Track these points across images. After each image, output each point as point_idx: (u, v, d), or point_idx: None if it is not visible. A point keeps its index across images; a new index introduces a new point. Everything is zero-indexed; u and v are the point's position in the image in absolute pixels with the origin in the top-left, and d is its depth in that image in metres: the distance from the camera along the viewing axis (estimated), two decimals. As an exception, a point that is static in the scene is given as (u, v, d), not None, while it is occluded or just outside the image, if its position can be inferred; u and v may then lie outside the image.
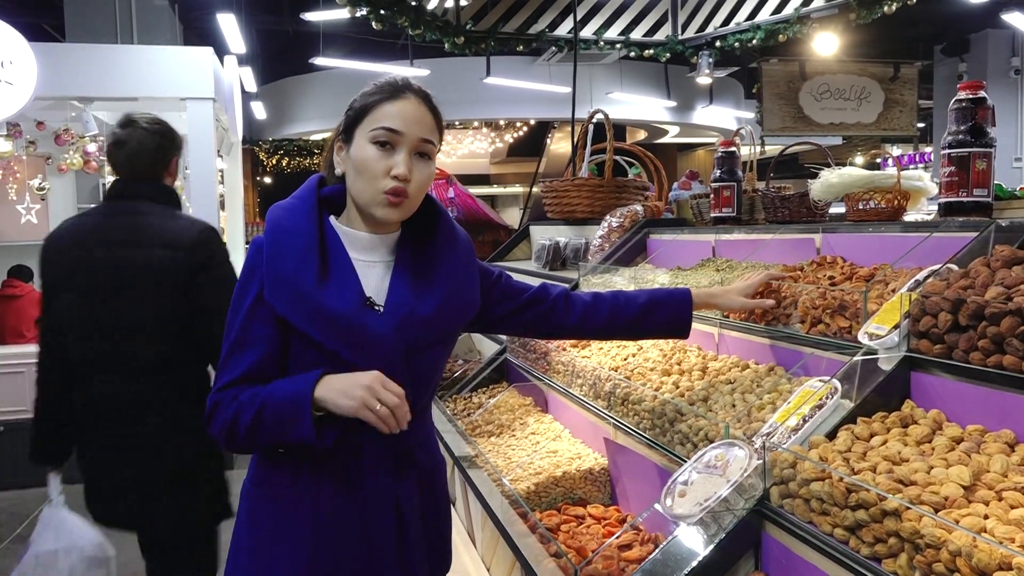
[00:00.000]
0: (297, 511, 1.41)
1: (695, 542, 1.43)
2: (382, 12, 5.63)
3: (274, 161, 15.63)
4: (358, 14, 5.64)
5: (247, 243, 8.89)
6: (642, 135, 15.34)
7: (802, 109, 10.26)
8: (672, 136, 15.54)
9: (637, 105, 12.09)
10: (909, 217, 2.41)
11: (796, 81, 10.13)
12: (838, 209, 2.93)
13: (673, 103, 12.42)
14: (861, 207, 2.32)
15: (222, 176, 7.17)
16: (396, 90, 1.43)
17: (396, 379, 1.36)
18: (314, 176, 1.51)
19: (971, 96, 1.77)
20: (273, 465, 1.45)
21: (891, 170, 2.31)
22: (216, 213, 5.76)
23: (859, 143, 15.05)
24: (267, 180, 16.57)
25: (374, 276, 1.44)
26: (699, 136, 16.14)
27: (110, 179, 6.25)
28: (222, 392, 1.39)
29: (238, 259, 7.50)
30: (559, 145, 15.83)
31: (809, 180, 2.58)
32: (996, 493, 1.12)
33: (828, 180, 2.45)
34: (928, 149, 14.79)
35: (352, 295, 1.38)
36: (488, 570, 2.23)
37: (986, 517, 1.07)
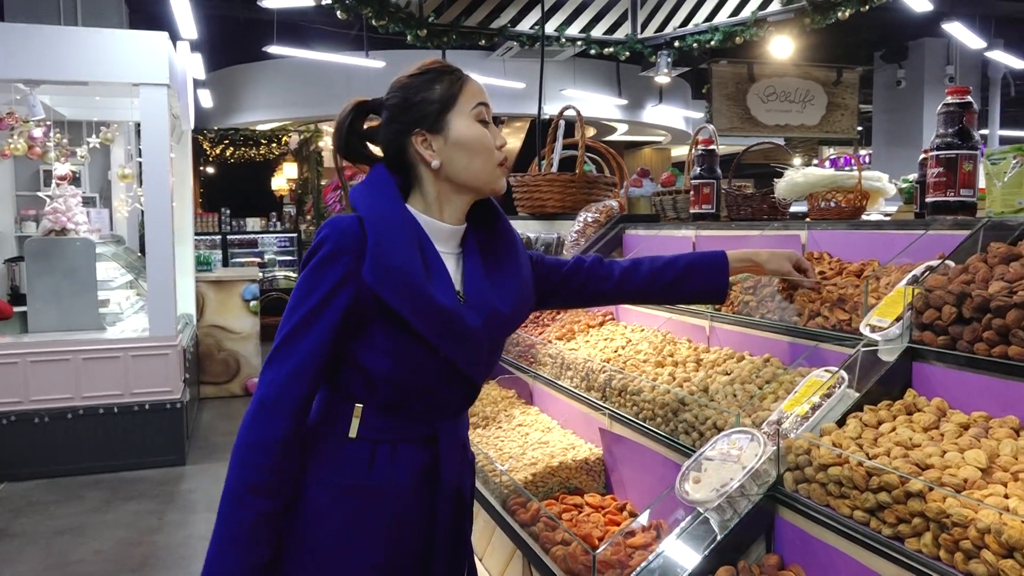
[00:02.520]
0: (375, 505, 1.38)
1: (710, 527, 1.47)
2: (347, 2, 5.56)
3: (218, 151, 15.24)
4: (323, 3, 5.56)
5: (196, 235, 8.66)
6: (591, 132, 15.48)
7: (749, 110, 10.54)
8: (620, 134, 15.73)
9: (588, 102, 12.20)
10: (868, 216, 2.52)
11: (744, 83, 10.40)
12: (798, 208, 3.04)
13: (624, 101, 12.58)
14: (823, 206, 2.42)
15: (171, 165, 6.98)
16: (460, 72, 1.47)
17: (478, 375, 1.41)
18: (381, 166, 1.47)
19: (958, 100, 1.85)
20: (344, 456, 1.39)
21: (852, 171, 2.42)
22: (169, 203, 5.61)
23: (799, 145, 15.48)
24: (210, 170, 16.16)
25: (449, 267, 1.44)
26: (647, 135, 16.37)
27: (56, 165, 6.03)
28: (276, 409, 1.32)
29: (186, 249, 7.27)
30: (508, 141, 15.86)
31: (774, 179, 2.68)
32: (1012, 475, 1.19)
33: (793, 179, 2.54)
34: (865, 152, 15.30)
35: (451, 289, 1.38)
36: (481, 560, 2.24)
37: (1007, 497, 1.13)
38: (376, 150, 1.52)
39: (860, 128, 12.27)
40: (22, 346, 5.27)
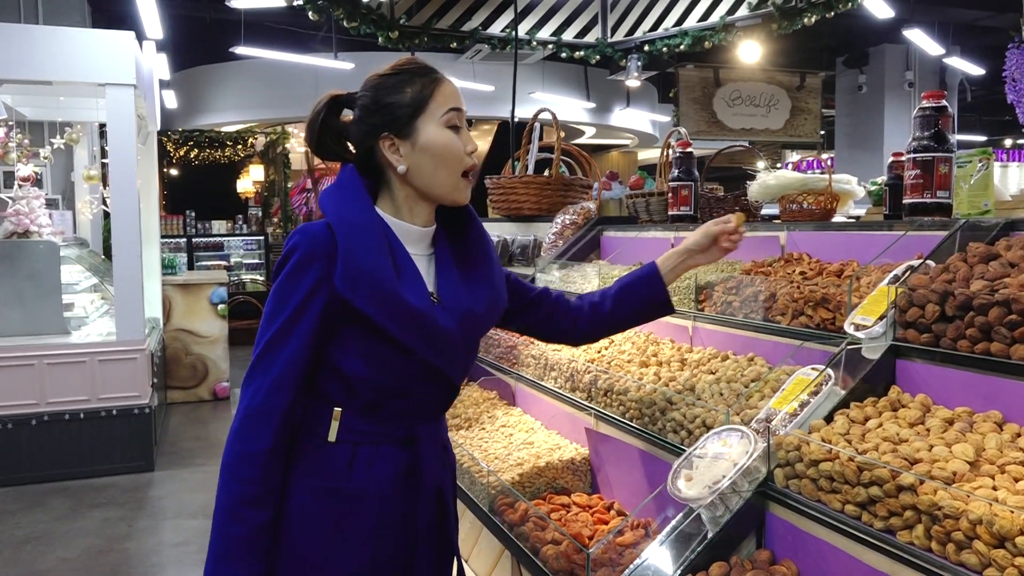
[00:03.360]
0: (356, 508, 1.38)
1: (702, 524, 1.50)
2: (319, 3, 5.52)
3: (182, 152, 15.02)
4: (295, 4, 5.51)
5: (162, 236, 8.51)
6: (560, 135, 15.55)
7: (715, 114, 10.68)
8: (588, 137, 15.82)
9: (557, 105, 12.24)
10: (838, 218, 2.58)
11: (710, 87, 10.54)
12: (770, 210, 3.09)
13: (592, 104, 12.66)
14: (794, 208, 2.47)
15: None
16: (432, 72, 1.43)
17: (456, 375, 1.41)
18: (350, 167, 1.47)
19: (934, 104, 1.91)
20: (325, 459, 1.39)
21: (822, 175, 2.47)
22: (136, 205, 5.52)
23: (763, 149, 15.74)
24: (174, 172, 15.91)
25: (421, 268, 1.44)
26: (614, 138, 16.48)
27: (19, 166, 5.89)
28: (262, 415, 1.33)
29: (152, 252, 7.16)
30: (476, 143, 15.85)
31: (747, 182, 2.73)
32: (999, 467, 1.22)
33: (766, 182, 2.59)
34: (827, 155, 15.59)
35: (423, 290, 1.38)
36: (467, 561, 2.24)
37: (995, 488, 1.17)
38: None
39: (823, 132, 12.48)
40: (-16, 351, 5.15)
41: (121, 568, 4.01)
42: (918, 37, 8.70)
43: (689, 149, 2.93)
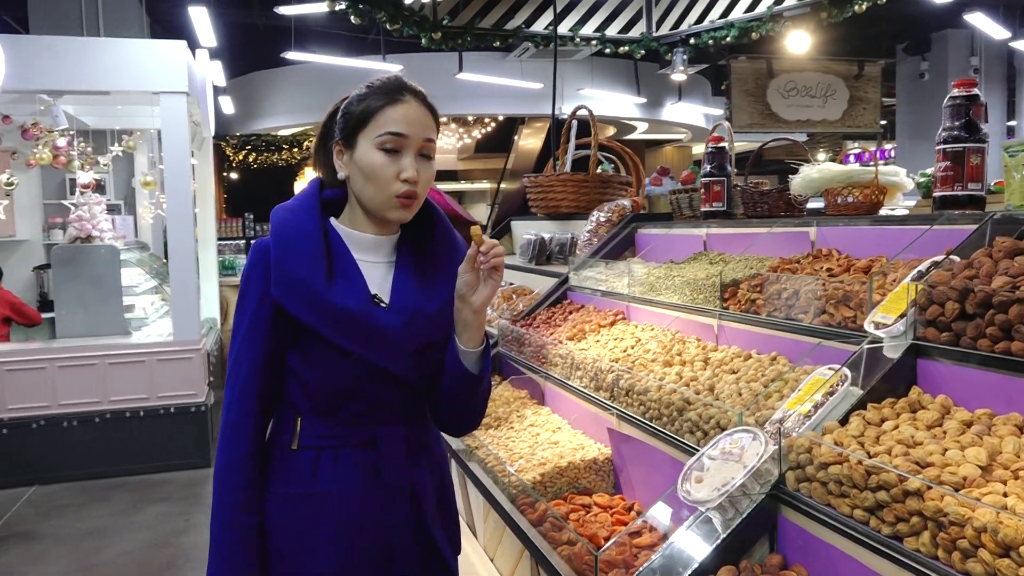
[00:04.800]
0: (323, 510, 1.42)
1: (712, 527, 1.47)
2: (361, 6, 5.60)
3: (241, 156, 15.42)
4: (337, 8, 5.60)
5: (219, 240, 8.76)
6: (611, 131, 15.43)
7: (770, 106, 10.45)
8: (640, 132, 15.65)
9: (607, 101, 12.16)
10: (885, 211, 2.49)
11: (764, 79, 10.31)
12: (815, 204, 3.00)
13: (643, 100, 12.52)
14: (839, 201, 2.39)
15: (193, 172, 7.09)
16: (395, 93, 1.43)
17: (407, 375, 1.42)
18: (315, 179, 1.53)
19: (965, 93, 1.83)
20: (290, 466, 1.44)
21: (869, 166, 2.38)
22: (191, 209, 5.69)
23: (822, 140, 15.33)
24: (233, 176, 16.35)
25: (377, 275, 1.47)
26: (667, 133, 16.27)
27: (80, 174, 6.13)
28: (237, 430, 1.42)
29: (209, 255, 7.38)
30: (527, 141, 15.85)
31: (789, 176, 2.65)
32: (1012, 473, 1.17)
33: (808, 175, 2.51)
34: (889, 145, 15.11)
35: (359, 292, 1.41)
36: (492, 560, 2.25)
37: (1005, 495, 1.12)
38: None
39: (883, 122, 12.10)
40: (50, 352, 5.37)
41: (176, 561, 4.14)
42: (981, 21, 8.35)
43: (722, 144, 2.88)
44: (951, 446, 1.27)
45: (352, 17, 5.74)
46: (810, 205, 2.95)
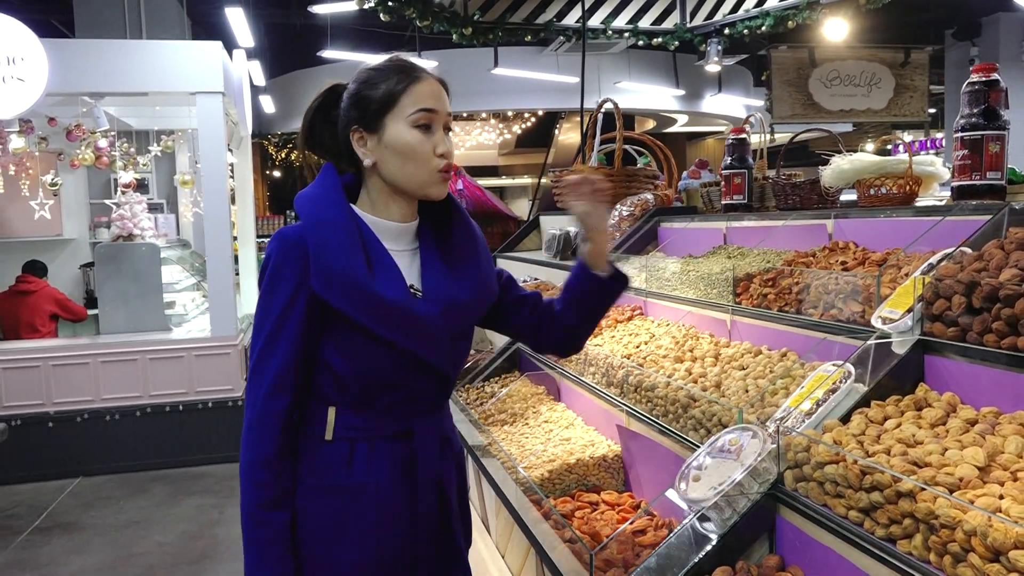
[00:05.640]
0: (358, 503, 1.40)
1: (709, 526, 1.44)
2: (390, 4, 5.62)
3: (283, 155, 15.65)
4: (366, 6, 5.64)
5: (258, 237, 8.91)
6: (651, 124, 15.28)
7: (812, 96, 10.20)
8: (681, 125, 15.47)
9: (646, 94, 12.03)
10: (921, 202, 2.40)
11: (806, 68, 10.07)
12: (849, 196, 2.91)
13: (682, 92, 12.35)
14: (872, 193, 2.30)
15: (232, 170, 7.22)
16: (413, 71, 1.42)
17: (444, 365, 1.40)
18: (329, 165, 1.48)
19: (983, 79, 1.76)
20: (323, 457, 1.42)
21: (902, 156, 2.30)
22: (227, 207, 5.78)
23: (869, 130, 14.94)
24: (276, 174, 16.60)
25: (403, 264, 1.45)
26: (708, 125, 16.05)
27: (121, 173, 6.29)
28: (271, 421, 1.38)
29: (249, 254, 7.50)
30: (567, 136, 15.79)
31: (820, 167, 2.58)
32: (1011, 474, 1.12)
33: (839, 167, 2.43)
34: (939, 135, 14.67)
35: (400, 283, 1.39)
36: (503, 556, 2.24)
37: (1001, 497, 1.07)
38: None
39: (932, 110, 11.75)
40: (93, 347, 5.52)
41: (210, 552, 4.23)
42: (1034, 3, 8.03)
43: (742, 135, 2.82)
44: (952, 446, 1.23)
45: (381, 15, 5.77)
46: (843, 197, 2.86)
